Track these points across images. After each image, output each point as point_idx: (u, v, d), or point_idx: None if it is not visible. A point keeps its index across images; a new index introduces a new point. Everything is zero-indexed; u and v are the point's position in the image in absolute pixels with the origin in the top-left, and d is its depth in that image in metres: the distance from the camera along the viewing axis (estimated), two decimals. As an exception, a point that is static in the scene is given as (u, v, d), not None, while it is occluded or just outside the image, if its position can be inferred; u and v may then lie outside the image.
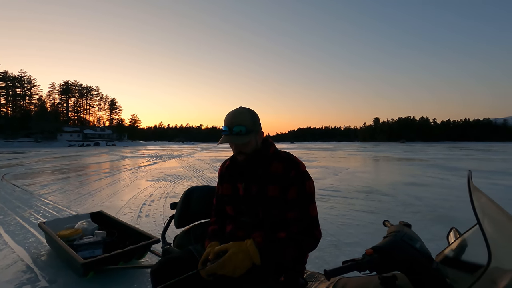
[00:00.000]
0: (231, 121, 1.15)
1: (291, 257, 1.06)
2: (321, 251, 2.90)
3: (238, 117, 1.15)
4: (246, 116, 1.16)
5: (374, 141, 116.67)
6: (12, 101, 73.49)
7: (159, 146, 55.59)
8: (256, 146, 1.20)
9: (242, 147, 1.16)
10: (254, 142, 1.19)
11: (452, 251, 1.06)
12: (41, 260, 2.68)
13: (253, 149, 1.19)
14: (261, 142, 1.24)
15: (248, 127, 1.14)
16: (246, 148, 1.17)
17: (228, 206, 1.25)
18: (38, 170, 10.94)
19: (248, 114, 1.17)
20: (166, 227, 1.80)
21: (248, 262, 0.98)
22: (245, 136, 1.14)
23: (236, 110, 1.19)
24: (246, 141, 1.14)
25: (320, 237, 1.13)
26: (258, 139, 1.21)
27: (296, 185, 1.12)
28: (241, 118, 1.15)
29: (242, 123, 1.14)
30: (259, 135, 1.21)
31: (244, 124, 1.14)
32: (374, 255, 0.84)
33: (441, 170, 11.00)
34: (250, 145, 1.17)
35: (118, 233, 2.92)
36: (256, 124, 1.19)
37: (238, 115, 1.16)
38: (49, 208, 4.77)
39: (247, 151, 1.17)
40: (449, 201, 5.46)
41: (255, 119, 1.19)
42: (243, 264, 0.97)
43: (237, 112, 1.17)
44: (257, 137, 1.20)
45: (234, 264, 0.96)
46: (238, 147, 1.17)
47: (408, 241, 0.88)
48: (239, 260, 0.97)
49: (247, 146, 1.17)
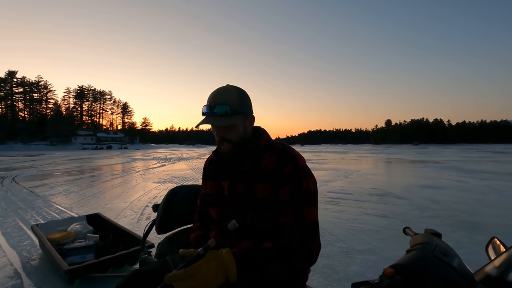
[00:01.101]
0: (213, 100, 0.93)
1: (276, 275, 0.81)
2: (330, 259, 2.65)
3: (222, 94, 0.93)
4: (232, 94, 0.94)
5: (386, 144, 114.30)
6: (30, 106, 75.92)
7: (169, 149, 56.08)
8: (245, 134, 0.97)
9: (225, 132, 0.94)
10: (242, 127, 0.96)
11: (495, 268, 0.82)
12: (30, 265, 2.53)
13: (241, 136, 0.96)
14: (251, 129, 1.02)
15: (234, 107, 0.92)
16: (231, 133, 0.94)
17: (212, 208, 1.04)
18: (48, 172, 11.04)
19: (236, 92, 0.95)
20: (146, 233, 1.58)
21: (221, 275, 0.73)
22: (229, 117, 0.91)
23: (221, 87, 0.96)
24: (230, 123, 0.91)
25: (318, 250, 0.88)
26: (247, 125, 0.98)
27: (290, 183, 0.89)
28: (226, 96, 0.93)
29: (227, 102, 0.91)
30: (248, 120, 0.98)
31: (229, 103, 0.91)
32: (396, 277, 0.61)
33: (458, 173, 10.48)
34: (236, 130, 0.94)
35: (114, 237, 2.76)
36: (245, 106, 0.96)
37: (222, 92, 0.94)
38: (51, 210, 4.68)
39: (233, 138, 0.95)
40: (469, 204, 5.08)
41: (244, 99, 0.95)
42: (215, 277, 0.72)
43: (222, 89, 0.95)
44: (246, 123, 0.98)
45: (204, 274, 0.71)
46: (220, 131, 0.94)
47: (441, 257, 0.65)
48: (210, 270, 0.72)
49: (232, 132, 0.94)
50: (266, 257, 0.81)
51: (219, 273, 0.73)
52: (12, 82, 73.12)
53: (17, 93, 74.15)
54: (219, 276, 0.73)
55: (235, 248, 0.82)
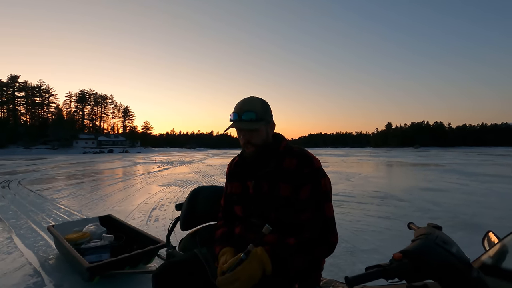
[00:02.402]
0: (241, 108, 1.07)
1: (301, 266, 0.96)
2: (336, 258, 2.75)
3: (249, 104, 1.08)
4: (257, 103, 1.09)
5: (387, 147, 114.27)
6: (31, 110, 76.29)
7: (170, 152, 56.21)
8: (267, 139, 1.11)
9: (251, 136, 1.07)
10: (265, 132, 1.10)
11: (490, 258, 0.93)
12: (48, 264, 2.64)
13: (263, 140, 1.09)
14: (272, 135, 1.14)
15: (259, 115, 1.06)
16: (256, 137, 1.07)
17: (237, 206, 1.16)
18: (53, 176, 11.16)
19: (260, 102, 1.10)
20: (171, 229, 1.72)
21: (260, 271, 0.91)
22: (255, 123, 1.06)
23: (247, 98, 1.11)
24: (256, 128, 1.05)
25: (336, 241, 1.02)
26: (269, 130, 1.12)
27: (310, 183, 1.02)
28: (252, 105, 1.08)
29: (253, 110, 1.06)
30: (270, 126, 1.12)
31: (255, 111, 1.06)
32: (403, 260, 0.72)
33: (459, 175, 10.56)
34: (260, 135, 1.08)
35: (126, 237, 2.86)
36: (267, 114, 1.10)
37: (248, 102, 1.09)
38: (61, 212, 4.79)
39: (257, 142, 1.08)
40: (470, 206, 5.18)
41: (266, 108, 1.11)
42: (257, 274, 0.90)
43: (248, 99, 1.10)
44: (268, 128, 1.12)
45: (248, 273, 0.89)
46: (246, 135, 1.07)
47: (442, 245, 0.76)
48: (253, 269, 0.90)
49: (257, 136, 1.07)
50: (291, 252, 0.95)
51: (259, 270, 0.90)
52: (14, 86, 73.61)
53: (19, 97, 74.59)
54: (259, 272, 0.90)
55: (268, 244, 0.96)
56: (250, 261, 0.90)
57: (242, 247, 0.96)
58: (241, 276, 0.88)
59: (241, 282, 0.87)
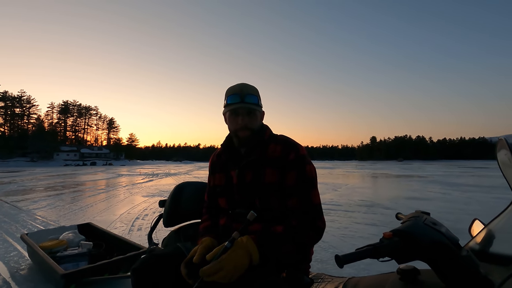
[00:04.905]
0: (242, 90, 1.04)
1: (290, 254, 0.92)
2: (324, 263, 2.71)
3: (249, 87, 1.07)
4: (255, 89, 1.09)
5: (372, 160, 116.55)
6: (10, 121, 73.49)
7: (156, 165, 55.10)
8: (260, 125, 1.10)
9: (249, 120, 1.05)
10: (260, 118, 1.10)
11: (477, 244, 0.94)
12: (19, 275, 2.46)
13: (258, 125, 1.09)
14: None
15: (259, 100, 1.08)
16: (254, 122, 1.06)
17: (221, 198, 1.11)
18: (30, 187, 10.65)
19: (256, 89, 1.10)
20: (153, 227, 1.63)
21: (247, 260, 0.84)
22: (257, 106, 1.06)
23: (242, 83, 1.10)
24: (258, 110, 1.06)
25: (324, 227, 0.98)
26: (260, 118, 1.12)
27: (295, 169, 0.99)
28: (252, 89, 1.08)
29: (255, 93, 1.07)
30: (262, 114, 1.12)
31: (256, 95, 1.07)
32: (394, 239, 0.71)
33: (441, 186, 10.84)
34: (257, 120, 1.08)
35: (107, 245, 2.72)
36: (261, 101, 1.11)
37: (247, 86, 1.08)
38: (37, 223, 4.53)
39: (253, 126, 1.06)
40: (454, 214, 5.28)
41: (259, 96, 1.11)
42: (243, 262, 0.83)
43: (245, 84, 1.09)
44: (261, 116, 1.12)
45: (234, 262, 0.82)
46: (245, 119, 1.04)
47: (431, 225, 0.76)
48: (238, 258, 0.83)
49: (255, 120, 1.06)
50: (279, 239, 0.91)
51: (245, 258, 0.84)
52: (-7, 96, 71.12)
53: (-3, 108, 71.99)
54: (246, 260, 0.84)
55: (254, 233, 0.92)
56: (235, 250, 0.85)
57: (227, 238, 0.91)
58: (225, 265, 0.81)
59: (226, 271, 0.80)
